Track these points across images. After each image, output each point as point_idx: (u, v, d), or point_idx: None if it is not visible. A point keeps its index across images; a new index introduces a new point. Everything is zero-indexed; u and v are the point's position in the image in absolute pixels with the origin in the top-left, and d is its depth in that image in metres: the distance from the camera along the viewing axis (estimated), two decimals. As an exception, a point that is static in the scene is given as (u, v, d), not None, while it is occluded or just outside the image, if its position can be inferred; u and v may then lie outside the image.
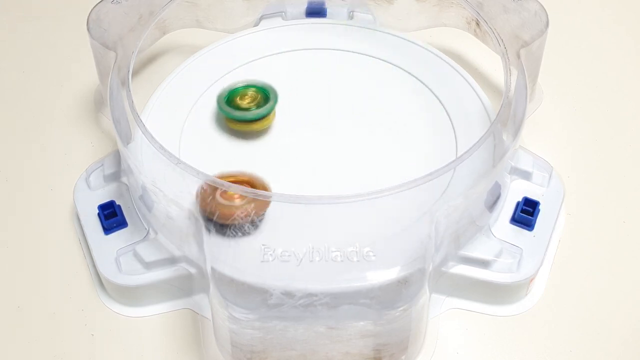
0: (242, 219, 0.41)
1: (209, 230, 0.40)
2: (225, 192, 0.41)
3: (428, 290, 0.40)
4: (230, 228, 0.41)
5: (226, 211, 0.40)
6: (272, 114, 0.49)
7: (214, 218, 0.40)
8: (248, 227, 0.41)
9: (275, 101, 0.48)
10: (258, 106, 0.48)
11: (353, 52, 0.53)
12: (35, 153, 0.53)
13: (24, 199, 0.51)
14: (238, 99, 0.49)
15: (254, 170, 0.46)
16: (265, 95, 0.49)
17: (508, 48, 0.48)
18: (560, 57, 0.58)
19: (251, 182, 0.42)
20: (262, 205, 0.41)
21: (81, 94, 0.56)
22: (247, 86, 0.49)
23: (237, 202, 0.41)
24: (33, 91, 0.57)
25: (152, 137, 0.43)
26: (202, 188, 0.41)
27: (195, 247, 0.42)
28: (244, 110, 0.48)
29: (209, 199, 0.41)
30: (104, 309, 0.46)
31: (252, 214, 0.41)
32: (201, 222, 0.40)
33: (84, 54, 0.56)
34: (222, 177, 0.42)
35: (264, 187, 0.42)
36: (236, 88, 0.49)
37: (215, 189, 0.41)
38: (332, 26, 0.55)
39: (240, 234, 0.41)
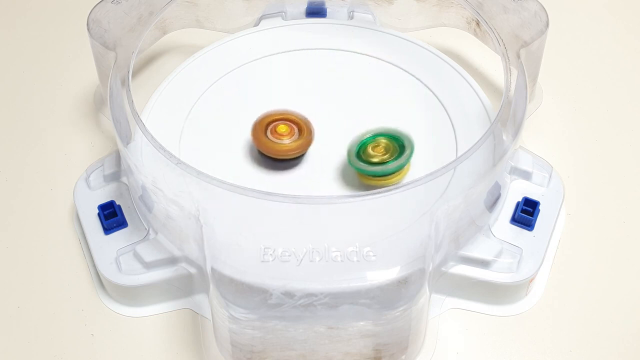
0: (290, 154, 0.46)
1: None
2: (275, 129, 0.46)
3: (428, 290, 0.40)
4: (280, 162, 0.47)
5: (277, 147, 0.46)
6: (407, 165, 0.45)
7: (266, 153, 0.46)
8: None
9: (412, 150, 0.45)
10: (393, 157, 0.45)
11: (353, 52, 0.53)
12: (35, 153, 0.53)
13: (24, 199, 0.51)
14: (370, 150, 0.45)
15: (253, 171, 0.47)
16: (399, 144, 0.45)
17: (508, 48, 0.48)
18: (560, 57, 0.58)
19: (295, 120, 0.47)
20: (307, 143, 0.46)
21: (81, 94, 0.56)
22: (376, 135, 0.46)
23: (286, 140, 0.46)
24: (33, 91, 0.57)
25: (152, 137, 0.43)
26: (254, 126, 0.46)
27: (195, 247, 0.42)
28: (379, 165, 0.45)
29: (260, 136, 0.46)
30: (104, 309, 0.46)
31: (297, 151, 0.46)
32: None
33: (84, 54, 0.56)
34: (267, 116, 0.47)
35: (307, 125, 0.47)
36: (366, 139, 0.46)
37: (266, 127, 0.46)
38: (332, 26, 0.55)
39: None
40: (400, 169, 0.45)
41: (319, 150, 0.48)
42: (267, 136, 0.46)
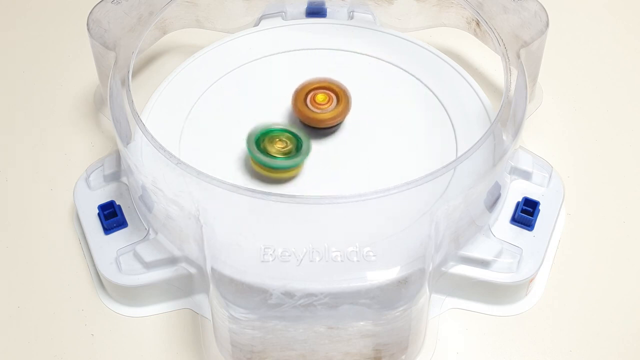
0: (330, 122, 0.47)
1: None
2: (314, 98, 0.47)
3: (428, 290, 0.40)
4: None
5: (316, 116, 0.47)
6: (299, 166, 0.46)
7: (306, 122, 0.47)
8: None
9: (307, 155, 0.46)
10: (288, 157, 0.45)
11: (353, 52, 0.53)
12: (35, 153, 0.53)
13: (24, 199, 0.51)
14: (268, 142, 0.46)
15: (253, 171, 0.47)
16: (298, 144, 0.46)
17: (508, 48, 0.48)
18: (560, 57, 0.58)
19: (332, 87, 0.48)
20: (346, 110, 0.48)
21: (81, 94, 0.56)
22: (282, 130, 0.46)
23: (326, 107, 0.47)
24: (33, 91, 0.57)
25: (152, 137, 0.43)
26: (294, 95, 0.48)
27: (195, 247, 0.42)
28: (273, 158, 0.45)
29: (300, 104, 0.47)
30: (104, 309, 0.46)
31: (337, 119, 0.48)
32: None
33: (84, 54, 0.56)
34: (306, 85, 0.48)
35: (344, 91, 0.48)
36: (269, 130, 0.46)
37: (305, 96, 0.48)
38: (332, 26, 0.55)
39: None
40: (289, 168, 0.46)
41: (319, 150, 0.48)
42: (307, 105, 0.47)
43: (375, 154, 0.48)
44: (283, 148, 0.46)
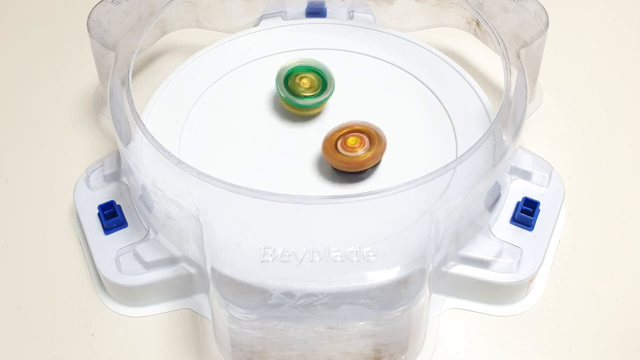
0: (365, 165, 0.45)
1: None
2: (345, 142, 0.46)
3: (428, 290, 0.40)
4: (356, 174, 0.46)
5: (348, 160, 0.45)
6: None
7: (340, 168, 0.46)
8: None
9: (331, 93, 0.49)
10: (314, 94, 0.49)
11: (353, 52, 0.53)
12: (35, 153, 0.53)
13: (24, 199, 0.51)
14: (296, 81, 0.49)
15: (252, 172, 0.47)
16: (323, 81, 0.49)
17: (508, 48, 0.48)
18: (560, 57, 0.58)
19: (367, 132, 0.46)
20: (381, 152, 0.46)
21: (81, 94, 0.56)
22: (307, 68, 0.49)
23: (360, 151, 0.45)
24: (33, 91, 0.57)
25: (152, 137, 0.43)
26: (325, 142, 0.46)
27: (195, 247, 0.42)
28: (300, 97, 0.49)
29: (332, 151, 0.45)
30: (104, 309, 0.46)
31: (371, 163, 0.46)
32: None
33: (84, 54, 0.56)
34: (341, 129, 0.46)
35: (379, 136, 0.46)
36: (295, 67, 0.49)
37: (336, 142, 0.46)
38: (332, 26, 0.55)
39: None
40: (318, 106, 0.49)
41: (319, 150, 0.48)
42: (338, 150, 0.46)
43: (375, 154, 0.48)
44: (309, 87, 0.49)
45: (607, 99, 0.56)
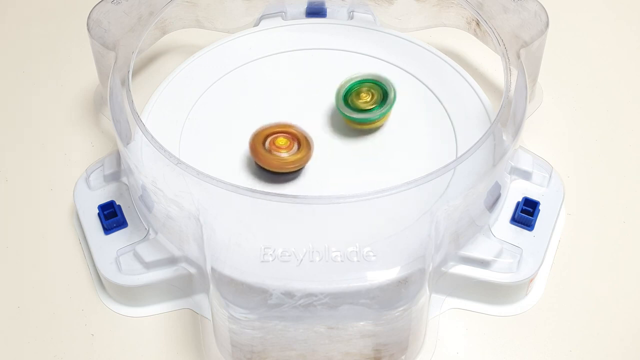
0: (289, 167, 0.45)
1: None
2: (273, 142, 0.45)
3: (428, 290, 0.40)
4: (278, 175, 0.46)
5: (274, 161, 0.45)
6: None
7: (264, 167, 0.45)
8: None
9: (394, 98, 0.48)
10: (377, 105, 0.48)
11: (353, 52, 0.53)
12: (35, 153, 0.53)
13: (24, 199, 0.51)
14: (355, 96, 0.48)
15: (253, 171, 0.47)
16: (383, 91, 0.48)
17: (508, 48, 0.48)
18: (560, 57, 0.58)
19: (293, 133, 0.46)
20: (306, 158, 0.46)
21: (81, 94, 0.56)
22: (362, 81, 0.48)
23: (284, 153, 0.45)
24: (33, 91, 0.57)
25: (152, 137, 0.43)
26: (251, 139, 0.46)
27: (195, 247, 0.42)
28: (363, 112, 0.47)
29: (259, 149, 0.45)
30: (104, 309, 0.46)
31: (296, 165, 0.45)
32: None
33: (84, 54, 0.56)
34: (266, 128, 0.46)
35: (305, 137, 0.46)
36: (353, 83, 0.48)
37: (263, 140, 0.45)
38: (332, 26, 0.55)
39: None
40: (383, 116, 0.48)
41: (319, 150, 0.48)
42: (265, 148, 0.45)
43: (375, 154, 0.48)
44: (370, 99, 0.48)
45: (607, 99, 0.56)
